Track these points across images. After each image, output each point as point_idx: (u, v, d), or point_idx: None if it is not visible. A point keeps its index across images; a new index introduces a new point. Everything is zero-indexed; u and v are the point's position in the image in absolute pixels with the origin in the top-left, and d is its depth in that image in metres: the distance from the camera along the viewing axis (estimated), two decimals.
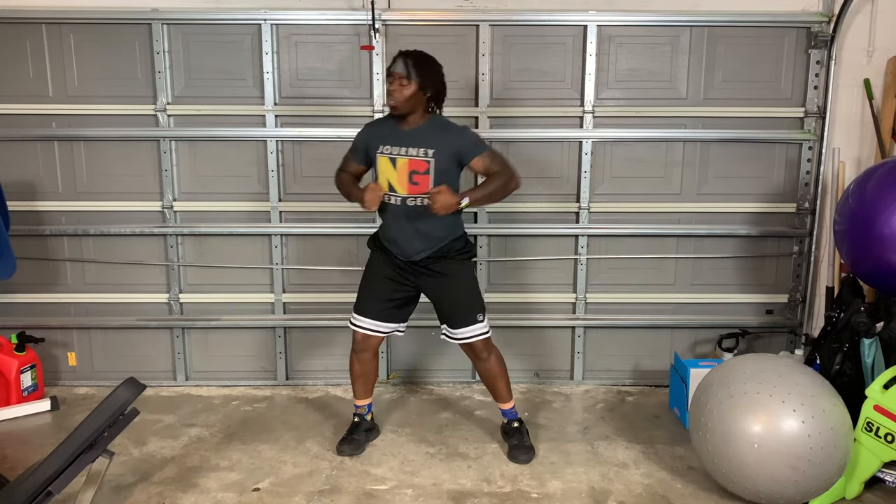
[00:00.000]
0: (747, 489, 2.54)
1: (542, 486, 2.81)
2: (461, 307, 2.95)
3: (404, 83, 2.75)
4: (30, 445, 3.14)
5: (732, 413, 2.53)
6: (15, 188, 3.57)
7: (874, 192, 2.81)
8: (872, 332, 2.91)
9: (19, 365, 3.51)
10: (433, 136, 2.82)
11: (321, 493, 2.75)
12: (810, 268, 3.74)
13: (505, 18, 3.55)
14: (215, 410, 3.53)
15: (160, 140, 3.64)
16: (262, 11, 3.52)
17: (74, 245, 3.74)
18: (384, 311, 3.00)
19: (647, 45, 3.59)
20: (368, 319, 3.00)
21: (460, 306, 2.95)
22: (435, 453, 3.08)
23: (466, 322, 2.94)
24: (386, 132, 2.88)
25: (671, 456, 3.06)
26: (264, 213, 3.72)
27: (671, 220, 3.74)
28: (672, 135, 3.65)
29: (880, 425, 2.59)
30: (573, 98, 3.64)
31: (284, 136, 3.65)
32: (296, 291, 3.81)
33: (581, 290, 3.79)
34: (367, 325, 3.00)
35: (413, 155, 2.81)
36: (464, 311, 2.95)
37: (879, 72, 3.58)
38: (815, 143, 3.65)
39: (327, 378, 3.85)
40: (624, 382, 3.87)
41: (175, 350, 3.83)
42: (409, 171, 2.82)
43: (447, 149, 2.81)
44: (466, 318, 2.94)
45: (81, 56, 3.58)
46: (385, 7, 3.53)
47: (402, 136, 2.83)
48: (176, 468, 2.94)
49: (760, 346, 3.84)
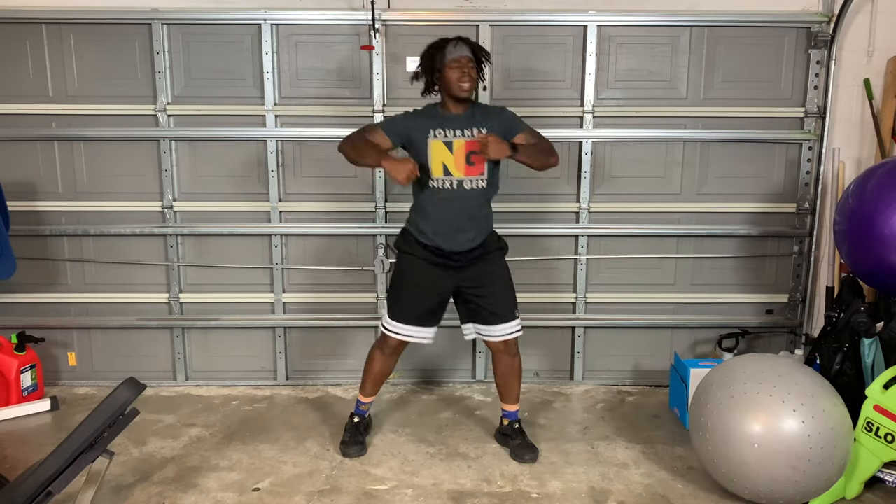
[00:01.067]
0: (747, 489, 2.54)
1: (542, 486, 2.81)
2: (505, 301, 2.97)
3: (472, 67, 2.81)
4: (30, 445, 3.14)
5: (732, 413, 2.53)
6: (15, 188, 3.57)
7: (874, 192, 2.81)
8: (872, 332, 2.91)
9: (19, 365, 3.51)
10: (482, 117, 2.88)
11: (321, 493, 2.75)
12: (810, 268, 3.74)
13: (505, 18, 3.55)
14: (215, 410, 3.53)
15: (160, 140, 3.64)
16: (262, 11, 3.52)
17: (74, 245, 3.74)
18: (422, 316, 2.96)
19: (647, 45, 3.59)
20: (407, 326, 2.95)
21: (505, 300, 2.97)
22: (435, 453, 3.08)
23: (509, 317, 2.96)
24: (433, 119, 2.88)
25: (671, 456, 3.06)
26: (264, 213, 3.72)
27: (671, 220, 3.74)
28: (672, 135, 3.65)
29: (880, 425, 2.59)
30: (573, 98, 3.64)
31: (284, 136, 3.65)
32: (296, 291, 3.81)
33: (581, 290, 3.79)
34: (405, 331, 2.96)
35: (468, 136, 2.84)
36: (508, 305, 2.97)
37: (879, 72, 3.58)
38: (815, 143, 3.65)
39: (327, 378, 3.85)
40: (624, 382, 3.87)
41: (175, 350, 3.83)
42: (466, 152, 2.83)
43: (498, 127, 2.86)
44: (509, 313, 2.97)
45: (81, 56, 3.58)
46: (385, 7, 3.53)
47: (453, 121, 2.86)
48: (176, 468, 2.94)
49: (760, 346, 3.84)
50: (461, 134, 2.84)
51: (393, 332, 2.97)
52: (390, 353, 3.04)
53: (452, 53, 2.79)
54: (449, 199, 2.87)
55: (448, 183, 2.85)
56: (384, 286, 3.75)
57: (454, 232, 2.87)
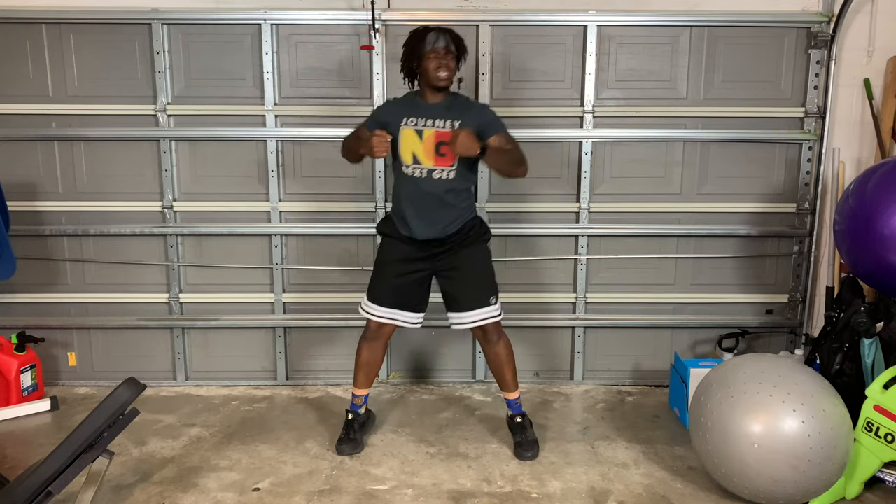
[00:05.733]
0: (747, 489, 2.55)
1: (542, 486, 2.81)
2: (476, 286, 2.97)
3: (450, 58, 2.83)
4: (30, 445, 3.14)
5: (732, 413, 2.53)
6: (15, 188, 3.57)
7: (874, 192, 2.80)
8: (872, 332, 2.91)
9: (19, 365, 3.51)
10: (458, 109, 2.89)
11: (321, 493, 2.75)
12: (810, 268, 3.74)
13: (505, 18, 3.55)
14: (215, 410, 3.53)
15: (160, 140, 3.64)
16: (262, 11, 3.52)
17: (74, 245, 3.74)
18: (398, 297, 2.99)
19: (647, 45, 3.59)
20: (382, 308, 3.00)
21: (475, 286, 2.97)
22: (435, 453, 3.08)
23: (479, 304, 2.96)
24: (408, 107, 2.92)
25: (671, 456, 3.06)
26: (264, 213, 3.72)
27: (671, 220, 3.74)
28: (672, 135, 3.65)
29: (880, 425, 2.59)
30: (573, 98, 3.64)
31: (284, 136, 3.65)
32: (296, 291, 3.81)
33: (581, 290, 3.79)
34: (382, 313, 3.00)
35: (440, 126, 2.84)
36: (478, 290, 2.97)
37: (879, 72, 3.58)
38: (815, 143, 3.65)
39: (327, 378, 3.85)
40: (624, 382, 3.87)
41: (175, 350, 3.83)
42: (435, 142, 2.85)
43: (472, 122, 2.85)
44: (480, 299, 2.96)
45: (81, 56, 3.58)
46: (385, 7, 3.53)
47: (427, 109, 2.87)
48: (176, 468, 2.94)
49: (760, 346, 3.84)
50: (432, 124, 2.85)
51: (370, 313, 3.01)
52: (372, 338, 3.06)
53: (432, 44, 2.82)
54: (418, 187, 2.89)
55: (417, 171, 2.87)
56: None
57: (425, 219, 2.90)
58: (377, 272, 3.05)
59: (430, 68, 2.82)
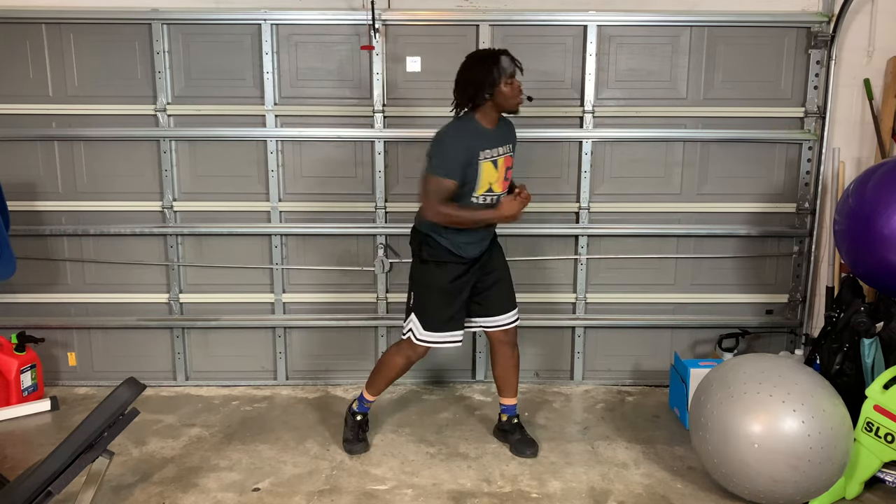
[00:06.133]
0: (747, 489, 2.55)
1: (542, 486, 2.81)
2: (510, 287, 3.06)
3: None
4: (30, 445, 3.14)
5: (732, 413, 2.53)
6: (15, 188, 3.57)
7: (874, 192, 2.80)
8: (872, 332, 2.91)
9: (19, 365, 3.51)
10: (508, 130, 2.94)
11: (321, 493, 2.75)
12: (810, 268, 3.74)
13: (505, 18, 3.55)
14: (215, 410, 3.53)
15: (160, 140, 3.64)
16: (262, 11, 3.52)
17: (74, 245, 3.74)
18: (457, 320, 2.96)
19: (647, 45, 3.59)
20: (440, 333, 2.93)
21: (511, 287, 3.06)
22: (435, 453, 3.08)
23: (514, 303, 3.05)
24: (476, 138, 2.78)
25: (671, 456, 3.06)
26: (264, 213, 3.72)
27: (671, 220, 3.74)
28: (672, 135, 3.65)
29: (880, 425, 2.59)
30: (573, 98, 3.64)
31: (284, 136, 3.65)
32: (296, 291, 3.80)
33: (581, 290, 3.79)
34: (440, 338, 2.94)
35: (504, 153, 2.88)
36: (512, 290, 3.06)
37: (879, 72, 3.58)
38: (815, 143, 3.65)
39: (327, 378, 3.85)
40: (624, 382, 3.87)
41: (175, 350, 3.83)
42: (505, 167, 2.89)
43: (513, 139, 2.96)
44: (514, 299, 3.06)
45: (81, 56, 3.58)
46: (385, 7, 3.53)
47: (492, 138, 2.83)
48: (176, 468, 2.94)
49: (760, 346, 3.84)
50: (502, 152, 2.86)
51: (430, 342, 2.93)
52: (417, 360, 3.03)
53: (508, 69, 2.74)
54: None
55: (489, 199, 2.88)
56: (384, 286, 3.76)
57: (486, 240, 2.95)
58: (434, 301, 2.91)
59: (508, 94, 2.75)
